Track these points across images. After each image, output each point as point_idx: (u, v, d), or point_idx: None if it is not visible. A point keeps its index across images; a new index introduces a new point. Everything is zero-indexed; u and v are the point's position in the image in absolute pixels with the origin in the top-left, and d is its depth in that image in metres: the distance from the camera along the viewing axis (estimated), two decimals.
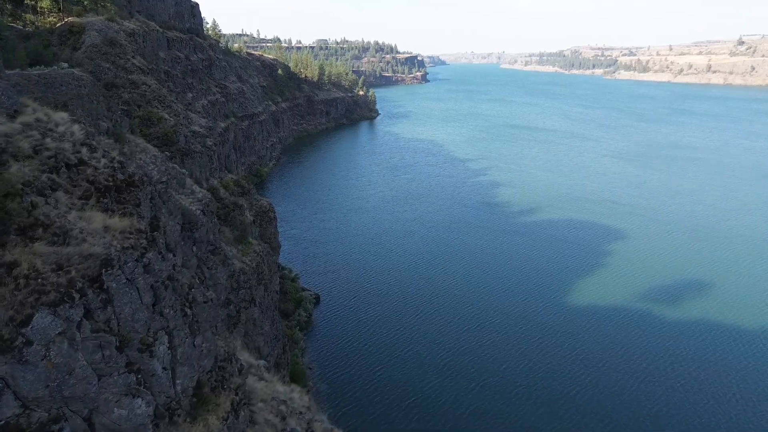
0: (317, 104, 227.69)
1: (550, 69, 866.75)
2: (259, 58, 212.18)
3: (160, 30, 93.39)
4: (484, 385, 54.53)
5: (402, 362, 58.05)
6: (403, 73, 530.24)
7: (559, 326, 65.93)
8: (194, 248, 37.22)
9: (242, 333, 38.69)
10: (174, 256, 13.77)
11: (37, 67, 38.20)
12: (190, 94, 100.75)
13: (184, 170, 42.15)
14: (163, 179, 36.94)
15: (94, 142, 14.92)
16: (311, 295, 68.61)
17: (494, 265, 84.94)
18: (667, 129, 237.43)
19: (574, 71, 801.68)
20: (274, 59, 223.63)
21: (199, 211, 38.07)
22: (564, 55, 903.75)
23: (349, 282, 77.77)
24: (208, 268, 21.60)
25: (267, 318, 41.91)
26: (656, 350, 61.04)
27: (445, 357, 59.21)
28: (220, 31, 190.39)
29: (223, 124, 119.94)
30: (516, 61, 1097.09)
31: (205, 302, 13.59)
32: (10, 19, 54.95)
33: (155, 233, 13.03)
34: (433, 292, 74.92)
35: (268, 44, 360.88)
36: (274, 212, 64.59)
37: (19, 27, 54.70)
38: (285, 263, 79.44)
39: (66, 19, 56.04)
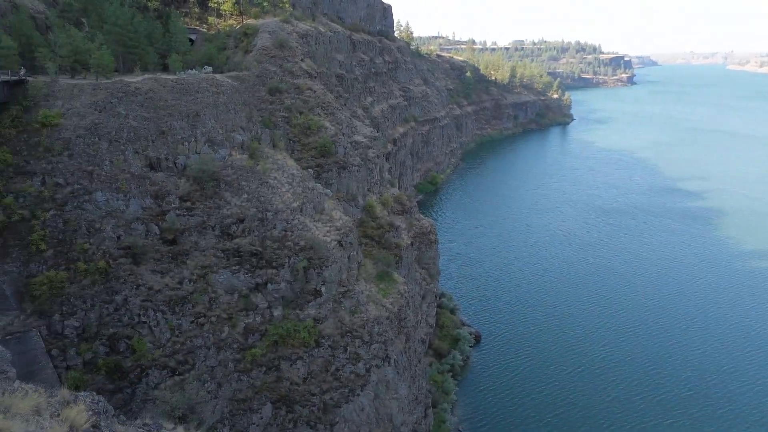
0: (504, 108, 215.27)
1: None
2: (449, 60, 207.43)
3: (345, 32, 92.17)
4: None
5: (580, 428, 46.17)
6: (605, 74, 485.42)
7: None
8: (322, 288, 31.19)
9: (371, 396, 31.76)
10: None
11: (188, 72, 35.92)
12: (369, 98, 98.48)
13: (327, 191, 36.56)
14: (294, 204, 31.52)
15: None
16: (470, 333, 59.36)
17: (705, 314, 66.74)
18: None
19: None
20: (463, 61, 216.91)
21: (334, 243, 31.91)
22: None
23: (517, 318, 66.81)
24: None
25: (405, 379, 34.29)
26: None
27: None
28: (412, 33, 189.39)
29: (401, 129, 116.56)
30: (748, 62, 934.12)
31: None
32: (197, 22, 56.22)
33: None
34: (624, 339, 60.53)
35: (462, 46, 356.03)
36: (436, 234, 57.05)
37: (203, 30, 55.63)
38: (443, 287, 71.37)
39: (243, 21, 55.35)
